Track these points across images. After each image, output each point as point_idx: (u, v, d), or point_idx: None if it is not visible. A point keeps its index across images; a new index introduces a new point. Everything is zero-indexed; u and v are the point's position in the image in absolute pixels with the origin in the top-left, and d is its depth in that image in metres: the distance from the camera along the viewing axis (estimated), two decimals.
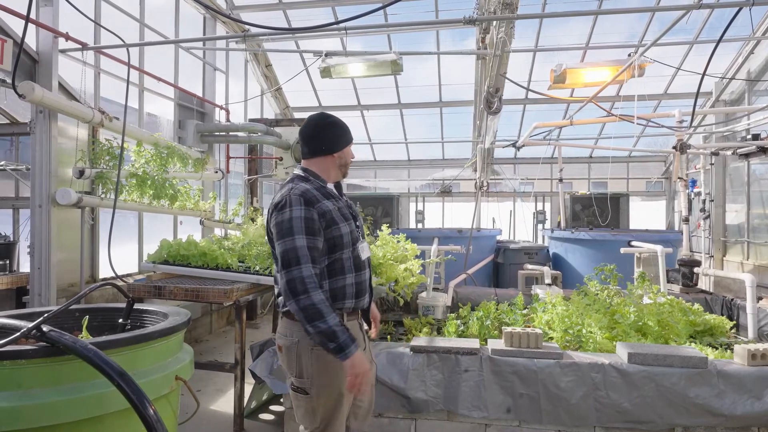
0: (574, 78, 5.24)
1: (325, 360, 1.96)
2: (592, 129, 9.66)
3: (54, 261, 3.94)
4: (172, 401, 1.94)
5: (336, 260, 2.03)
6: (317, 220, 1.94)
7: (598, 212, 8.69)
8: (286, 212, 1.92)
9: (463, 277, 5.95)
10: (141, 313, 2.15)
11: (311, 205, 1.94)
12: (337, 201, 2.08)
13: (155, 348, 1.81)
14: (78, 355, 1.41)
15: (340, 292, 2.04)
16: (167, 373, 1.82)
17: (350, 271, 2.06)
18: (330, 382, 1.98)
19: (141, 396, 1.32)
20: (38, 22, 3.84)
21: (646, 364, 2.96)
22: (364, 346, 2.17)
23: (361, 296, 2.13)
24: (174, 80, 5.93)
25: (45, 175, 3.90)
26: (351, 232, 2.06)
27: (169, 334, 1.88)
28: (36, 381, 1.50)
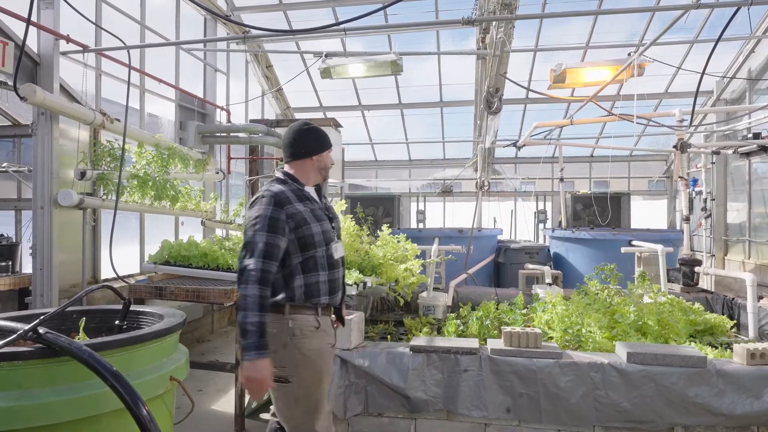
0: (574, 78, 5.25)
1: (305, 348, 2.15)
2: (593, 128, 9.65)
3: (56, 262, 3.96)
4: (168, 401, 1.98)
5: (310, 258, 2.18)
6: (284, 221, 2.09)
7: (599, 211, 8.69)
8: (255, 209, 2.10)
9: (463, 277, 5.96)
10: (137, 315, 2.19)
11: (281, 206, 2.09)
12: (313, 203, 2.24)
13: (150, 349, 1.85)
14: (73, 356, 1.45)
15: (314, 288, 2.19)
16: (162, 373, 1.86)
17: (323, 269, 2.21)
18: (311, 368, 2.13)
19: (135, 396, 1.36)
20: (39, 25, 3.86)
21: (645, 363, 2.96)
22: (334, 342, 2.33)
23: (335, 293, 2.28)
24: (175, 81, 5.95)
25: (47, 176, 3.92)
26: (324, 232, 2.21)
27: (164, 335, 1.92)
28: (33, 381, 1.53)
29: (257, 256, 2.01)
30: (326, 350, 2.26)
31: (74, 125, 4.16)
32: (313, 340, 2.17)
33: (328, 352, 2.28)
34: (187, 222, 6.07)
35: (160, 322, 2.03)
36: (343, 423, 3.38)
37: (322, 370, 2.19)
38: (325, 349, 2.25)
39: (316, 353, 2.16)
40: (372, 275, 4.21)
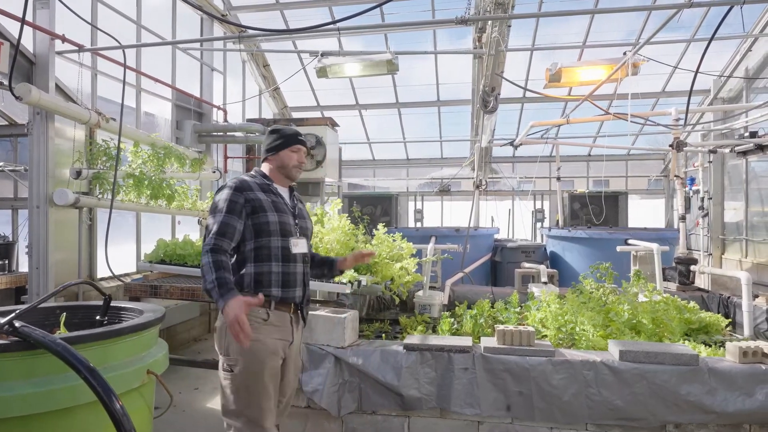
0: (570, 77, 5.25)
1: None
2: (591, 127, 9.66)
3: (52, 261, 3.97)
4: (146, 394, 2.01)
5: (263, 246, 2.22)
6: (241, 204, 2.17)
7: (596, 210, 8.69)
8: (220, 194, 2.21)
9: (459, 276, 5.96)
10: (119, 311, 2.24)
11: (240, 191, 2.19)
12: (277, 197, 2.31)
13: (126, 343, 1.89)
14: (47, 349, 1.48)
15: (265, 278, 2.21)
16: (138, 367, 1.90)
17: (277, 260, 2.23)
18: (252, 359, 2.12)
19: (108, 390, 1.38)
20: (35, 25, 3.87)
21: (637, 361, 2.97)
22: (291, 341, 2.29)
23: (290, 287, 2.26)
24: (171, 81, 5.96)
25: (42, 175, 3.93)
26: (281, 223, 2.25)
27: (141, 329, 1.96)
28: (9, 374, 1.57)
29: (212, 234, 2.09)
30: (274, 345, 2.20)
31: (70, 124, 4.17)
32: (260, 331, 2.14)
33: (276, 348, 2.21)
34: (184, 221, 6.08)
35: (139, 317, 2.07)
36: (337, 421, 3.39)
37: (264, 363, 2.14)
38: (272, 343, 2.19)
39: (260, 345, 2.13)
40: (367, 274, 4.21)
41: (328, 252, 4.31)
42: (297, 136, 2.39)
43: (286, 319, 2.27)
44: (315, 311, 3.56)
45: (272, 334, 2.20)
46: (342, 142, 10.21)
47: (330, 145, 6.49)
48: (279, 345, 2.22)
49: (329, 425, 3.42)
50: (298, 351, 2.44)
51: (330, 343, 3.42)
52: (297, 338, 2.37)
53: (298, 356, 2.46)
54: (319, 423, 3.44)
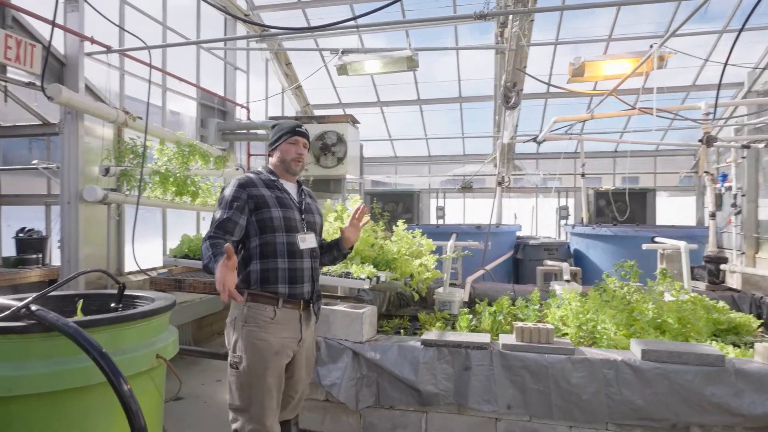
0: (594, 71, 5.14)
1: (253, 337, 2.13)
2: (617, 123, 9.45)
3: (82, 255, 4.11)
4: (156, 378, 2.09)
5: (268, 243, 2.19)
6: (244, 200, 2.17)
7: (623, 208, 8.49)
8: (224, 191, 2.22)
9: (480, 273, 5.92)
10: (133, 299, 2.33)
11: (244, 187, 2.19)
12: (282, 192, 2.28)
13: (136, 328, 1.96)
14: (61, 331, 1.56)
15: (271, 275, 2.18)
16: (148, 351, 1.97)
17: (282, 256, 2.20)
18: (256, 358, 2.11)
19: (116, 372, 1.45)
20: (66, 27, 4.01)
21: (660, 361, 2.90)
22: (300, 338, 2.26)
23: (297, 283, 2.23)
24: (196, 80, 6.09)
25: (73, 173, 4.07)
26: (286, 218, 2.23)
27: (150, 315, 2.03)
28: (26, 354, 1.67)
29: (211, 228, 2.10)
30: (280, 344, 2.18)
31: (99, 123, 4.31)
32: (265, 330, 2.14)
33: (282, 347, 2.19)
34: (208, 217, 6.20)
35: (150, 304, 2.15)
36: (355, 415, 3.42)
37: (267, 362, 2.13)
38: (277, 342, 2.17)
39: (265, 344, 2.13)
40: (386, 270, 4.23)
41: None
42: (295, 128, 2.36)
43: (294, 317, 2.24)
44: (334, 306, 3.60)
45: (279, 332, 2.18)
46: (363, 140, 10.26)
47: (351, 142, 6.51)
48: (286, 343, 2.20)
49: (347, 419, 3.45)
50: (310, 347, 2.42)
51: (348, 337, 3.45)
52: (308, 335, 2.34)
53: (310, 352, 2.43)
54: (337, 416, 3.48)
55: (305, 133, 2.41)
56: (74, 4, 4.02)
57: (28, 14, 3.58)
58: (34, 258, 4.36)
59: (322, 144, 6.44)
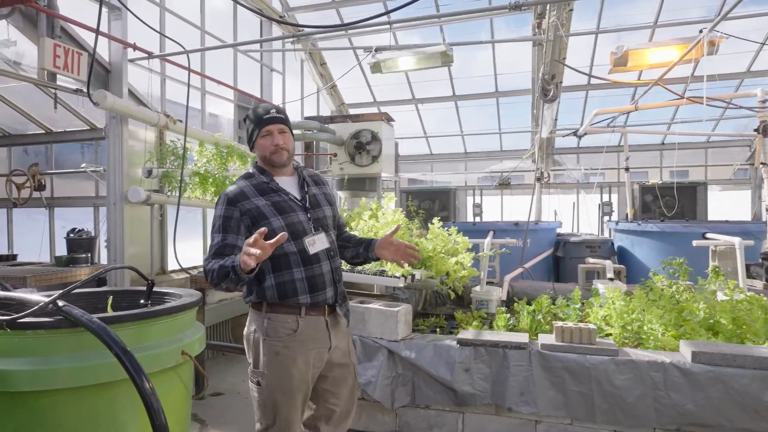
0: (637, 60, 4.91)
1: (275, 352, 1.97)
2: (665, 114, 9.01)
3: (127, 254, 4.28)
4: (183, 375, 2.09)
5: (279, 255, 1.98)
6: (237, 218, 1.98)
7: (671, 203, 8.10)
8: (216, 209, 2.05)
9: (519, 271, 5.78)
10: (162, 295, 2.35)
11: (233, 204, 1.99)
12: (280, 194, 2.05)
13: (162, 324, 1.96)
14: (86, 327, 1.58)
15: (289, 287, 2.00)
16: (173, 348, 1.96)
17: (297, 266, 2.02)
18: (279, 374, 1.96)
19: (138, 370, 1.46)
20: (110, 35, 4.17)
21: (712, 364, 2.74)
22: (329, 346, 2.07)
23: (318, 290, 2.04)
24: (233, 83, 6.23)
25: (118, 175, 4.24)
26: (290, 225, 2.00)
27: (175, 312, 2.02)
28: (54, 349, 1.70)
29: (210, 256, 1.93)
30: (305, 358, 2.00)
31: (142, 127, 4.47)
32: (288, 344, 1.97)
33: (308, 361, 2.00)
34: None
35: (176, 301, 2.16)
36: (391, 414, 3.40)
37: (293, 378, 1.96)
38: (304, 356, 1.99)
39: (289, 360, 1.96)
40: (421, 268, 4.19)
41: None
42: (263, 117, 2.06)
43: (319, 325, 2.05)
44: (369, 304, 3.59)
45: (304, 344, 2.00)
46: (399, 137, 10.22)
47: (386, 140, 6.50)
48: (311, 356, 2.02)
49: (383, 417, 3.44)
50: (346, 352, 2.19)
51: (383, 336, 3.43)
52: (339, 340, 2.14)
53: (346, 358, 2.19)
54: (373, 415, 3.47)
55: (277, 117, 2.08)
56: (117, 12, 4.18)
57: (75, 24, 3.74)
58: (84, 257, 4.57)
59: (357, 143, 6.45)
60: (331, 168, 6.56)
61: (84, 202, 5.34)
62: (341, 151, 6.51)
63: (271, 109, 2.10)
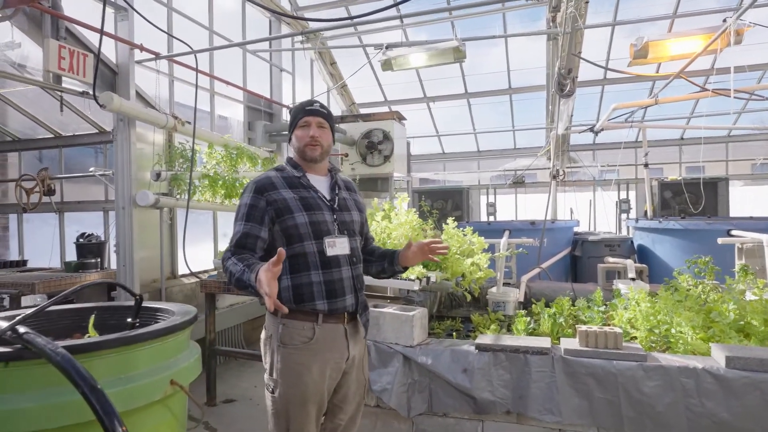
0: (658, 51, 4.73)
1: (290, 360, 1.87)
2: (684, 108, 8.76)
3: (137, 258, 4.22)
4: (174, 406, 1.83)
5: (298, 254, 1.91)
6: (263, 208, 1.90)
7: (692, 199, 7.86)
8: (242, 196, 1.97)
9: (536, 272, 5.63)
10: (153, 312, 2.11)
11: (261, 192, 1.92)
12: (309, 191, 1.98)
13: (147, 350, 1.70)
14: (47, 359, 1.33)
15: (306, 290, 1.90)
16: (159, 377, 1.70)
17: (316, 268, 1.91)
18: (293, 383, 1.87)
19: (108, 410, 1.19)
20: (116, 37, 4.12)
21: (748, 369, 2.58)
22: (347, 356, 1.97)
23: (337, 297, 1.93)
24: (243, 84, 6.16)
25: (126, 178, 4.18)
26: (314, 223, 1.92)
27: (163, 335, 1.75)
28: (16, 385, 1.44)
29: (231, 246, 1.88)
30: (321, 369, 1.90)
31: (150, 129, 4.41)
32: (303, 353, 1.88)
33: (324, 371, 1.91)
34: None
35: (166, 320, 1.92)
36: (408, 422, 3.29)
37: (307, 388, 1.86)
38: (320, 366, 1.90)
39: (304, 369, 1.86)
40: (436, 270, 4.06)
41: (396, 247, 4.22)
42: (304, 108, 2.04)
43: (338, 333, 1.95)
44: (383, 308, 3.48)
45: (320, 353, 1.90)
46: (410, 136, 10.10)
47: (398, 139, 6.39)
48: (328, 367, 1.92)
49: (399, 426, 3.32)
50: (360, 365, 2.11)
51: (398, 341, 3.32)
52: (358, 351, 2.05)
53: (361, 372, 2.11)
54: (388, 423, 3.35)
55: (318, 110, 2.03)
56: (124, 13, 4.12)
57: (79, 24, 3.69)
58: (93, 262, 4.52)
59: (369, 142, 6.36)
60: (342, 168, 6.48)
61: (94, 207, 5.30)
62: (352, 151, 6.42)
63: (315, 102, 2.08)
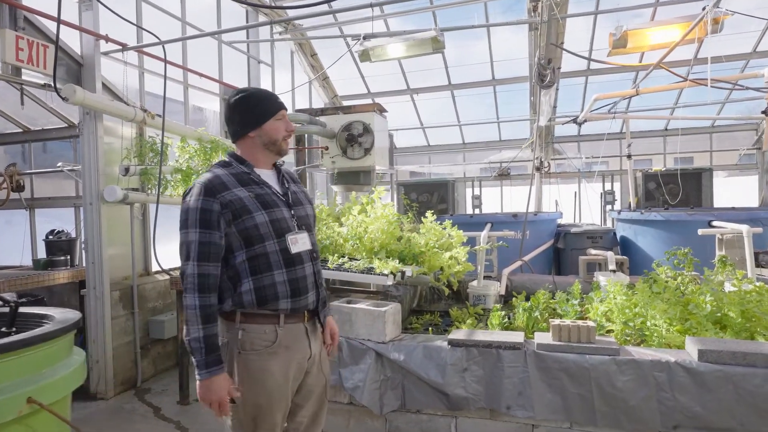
0: (638, 41, 4.67)
1: (253, 366, 1.78)
2: (668, 98, 8.74)
3: (106, 256, 4.11)
4: (37, 426, 1.70)
5: (259, 255, 1.80)
6: (218, 212, 1.75)
7: (675, 190, 7.87)
8: (187, 201, 1.79)
9: (518, 264, 5.59)
10: (34, 319, 1.96)
11: (212, 195, 1.76)
12: (263, 187, 1.87)
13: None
14: None
15: (269, 291, 1.79)
16: (11, 396, 1.56)
17: (279, 267, 1.82)
18: (257, 392, 1.78)
19: None
20: (80, 27, 3.98)
21: (721, 362, 2.55)
22: (309, 355, 1.91)
23: (300, 295, 1.86)
24: (218, 76, 6.02)
25: (94, 173, 4.06)
26: (274, 221, 1.82)
27: (16, 349, 1.62)
28: None
29: (192, 259, 1.71)
30: (285, 371, 1.82)
31: (120, 123, 4.28)
32: (266, 356, 1.79)
33: (288, 373, 1.84)
34: None
35: (36, 330, 1.76)
36: (381, 419, 3.23)
37: (272, 393, 1.79)
38: (284, 369, 1.82)
39: (268, 374, 1.78)
40: (413, 264, 4.00)
41: (372, 242, 4.16)
42: (277, 99, 1.94)
43: (299, 332, 1.89)
44: (356, 304, 3.41)
45: (284, 356, 1.83)
46: (394, 129, 10.00)
47: (378, 131, 6.28)
48: (292, 368, 1.85)
49: (372, 423, 3.27)
50: (320, 361, 2.03)
51: (370, 337, 3.25)
52: (318, 347, 1.99)
53: (320, 367, 2.03)
54: (362, 420, 3.30)
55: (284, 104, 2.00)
56: (88, 3, 3.98)
57: (37, 14, 3.55)
58: (63, 260, 4.40)
59: (348, 135, 6.24)
60: (322, 162, 6.36)
61: (64, 203, 5.16)
62: (333, 144, 6.31)
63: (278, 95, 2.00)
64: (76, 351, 1.95)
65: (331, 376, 3.29)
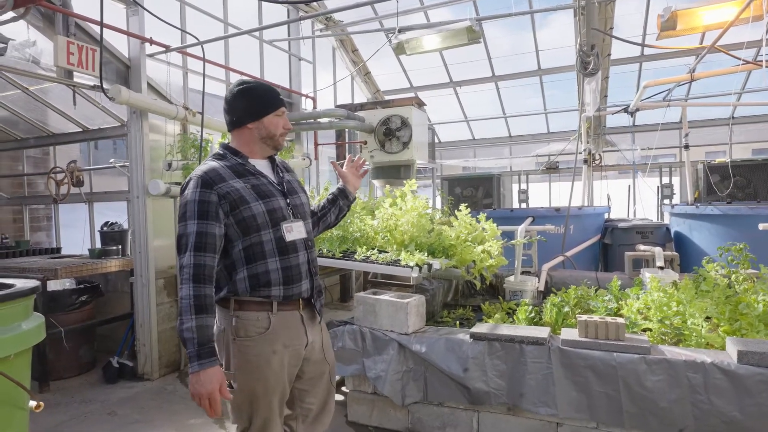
0: (688, 22, 4.35)
1: (248, 353, 1.82)
2: (734, 83, 8.07)
3: (151, 246, 4.36)
4: None
5: (254, 244, 1.84)
6: (216, 203, 1.78)
7: (744, 183, 7.27)
8: (185, 194, 1.82)
9: (559, 260, 5.40)
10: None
11: (210, 186, 1.78)
12: (258, 177, 1.90)
13: None
14: None
15: (262, 278, 1.83)
16: None
17: (273, 255, 1.85)
18: (253, 377, 1.82)
19: None
20: (127, 31, 4.24)
21: (763, 365, 2.35)
22: (305, 342, 1.93)
23: (293, 282, 1.88)
24: (260, 74, 6.21)
25: (140, 169, 4.32)
26: (270, 211, 1.86)
27: None
28: None
29: (189, 250, 1.74)
30: (280, 357, 1.85)
31: (164, 120, 4.53)
32: (260, 343, 1.82)
33: (283, 359, 1.86)
34: None
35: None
36: (403, 410, 3.23)
37: (268, 379, 1.82)
38: (279, 355, 1.85)
39: (263, 359, 1.82)
40: (441, 257, 3.96)
41: (402, 234, 4.15)
42: (278, 96, 1.97)
43: (294, 320, 1.91)
44: (379, 296, 3.43)
45: (278, 342, 1.85)
46: (438, 123, 9.91)
47: (417, 125, 6.26)
48: (287, 354, 1.88)
49: (395, 413, 3.28)
50: (321, 349, 2.03)
51: (393, 328, 3.26)
52: (316, 337, 2.00)
53: (323, 354, 2.04)
54: (384, 410, 3.32)
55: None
56: (134, 8, 4.23)
57: (86, 20, 3.82)
58: (115, 249, 4.72)
59: (386, 129, 6.26)
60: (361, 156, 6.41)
61: (118, 197, 5.53)
62: (371, 139, 6.35)
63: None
64: (35, 317, 2.13)
65: (355, 366, 3.33)
